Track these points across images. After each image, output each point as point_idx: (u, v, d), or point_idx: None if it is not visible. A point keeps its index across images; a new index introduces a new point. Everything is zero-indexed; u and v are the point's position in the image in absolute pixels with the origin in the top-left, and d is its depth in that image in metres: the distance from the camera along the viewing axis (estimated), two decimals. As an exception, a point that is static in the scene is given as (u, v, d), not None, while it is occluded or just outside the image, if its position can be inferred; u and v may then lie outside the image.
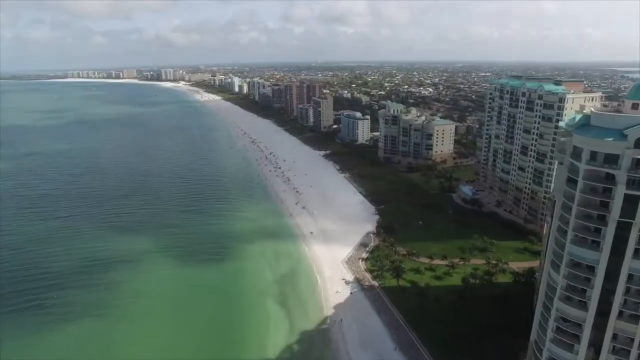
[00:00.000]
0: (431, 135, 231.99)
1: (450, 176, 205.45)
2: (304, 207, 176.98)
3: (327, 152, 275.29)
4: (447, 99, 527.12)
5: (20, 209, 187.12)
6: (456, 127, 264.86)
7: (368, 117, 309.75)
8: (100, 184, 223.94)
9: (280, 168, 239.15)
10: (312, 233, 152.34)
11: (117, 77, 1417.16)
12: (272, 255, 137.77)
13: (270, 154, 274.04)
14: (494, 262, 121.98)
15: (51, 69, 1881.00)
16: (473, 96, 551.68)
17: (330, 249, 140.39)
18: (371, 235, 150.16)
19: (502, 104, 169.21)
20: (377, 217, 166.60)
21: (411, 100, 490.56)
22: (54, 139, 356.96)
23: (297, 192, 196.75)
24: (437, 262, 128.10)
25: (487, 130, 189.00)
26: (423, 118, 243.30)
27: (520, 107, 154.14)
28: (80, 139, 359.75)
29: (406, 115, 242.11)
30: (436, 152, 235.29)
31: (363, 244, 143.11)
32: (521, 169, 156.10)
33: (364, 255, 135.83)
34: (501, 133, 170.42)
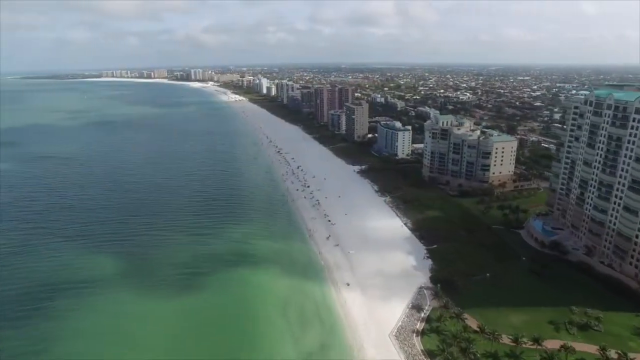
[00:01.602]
0: (489, 153, 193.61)
1: (517, 207, 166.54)
2: (337, 244, 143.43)
3: (363, 167, 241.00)
4: (489, 106, 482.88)
5: (17, 221, 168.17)
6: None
7: (409, 127, 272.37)
8: (108, 196, 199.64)
9: (309, 187, 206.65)
10: (348, 285, 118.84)
11: (149, 76, 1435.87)
12: (296, 319, 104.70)
13: (298, 167, 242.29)
14: (614, 357, 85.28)
15: (87, 69, 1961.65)
16: (517, 102, 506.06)
17: (373, 312, 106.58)
18: (424, 291, 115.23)
19: (597, 122, 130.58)
20: (430, 262, 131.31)
21: (450, 106, 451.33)
22: (71, 141, 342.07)
23: (329, 221, 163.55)
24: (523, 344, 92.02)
25: (568, 153, 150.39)
26: (478, 132, 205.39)
27: (632, 128, 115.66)
28: (97, 141, 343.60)
29: (458, 129, 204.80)
30: (494, 173, 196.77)
31: (416, 307, 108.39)
32: (629, 210, 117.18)
33: (419, 325, 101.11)
34: (594, 159, 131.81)
